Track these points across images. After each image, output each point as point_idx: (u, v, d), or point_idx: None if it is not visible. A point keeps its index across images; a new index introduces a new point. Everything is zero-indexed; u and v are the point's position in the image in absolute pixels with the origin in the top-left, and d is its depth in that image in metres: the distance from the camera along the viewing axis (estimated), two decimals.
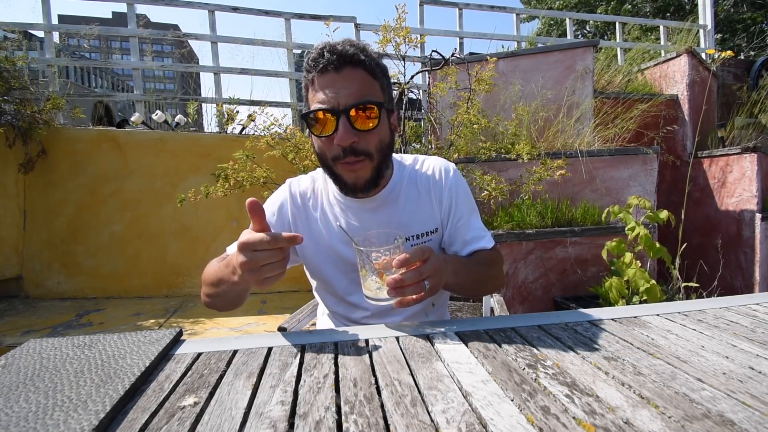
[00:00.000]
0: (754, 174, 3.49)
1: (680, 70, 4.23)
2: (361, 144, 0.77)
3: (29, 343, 0.64)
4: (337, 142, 0.75)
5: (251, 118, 3.69)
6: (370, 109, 0.75)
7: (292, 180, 0.98)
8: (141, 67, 4.28)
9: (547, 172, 2.77)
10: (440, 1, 4.94)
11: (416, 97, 4.10)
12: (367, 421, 0.43)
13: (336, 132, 0.75)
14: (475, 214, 0.95)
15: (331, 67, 0.74)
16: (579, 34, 11.50)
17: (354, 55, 0.75)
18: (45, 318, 2.96)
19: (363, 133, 0.76)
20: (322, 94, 0.75)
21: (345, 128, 0.74)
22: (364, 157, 0.78)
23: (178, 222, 3.67)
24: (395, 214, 0.90)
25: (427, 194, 0.92)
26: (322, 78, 0.75)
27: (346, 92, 0.74)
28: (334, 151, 0.78)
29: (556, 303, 2.81)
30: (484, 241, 0.93)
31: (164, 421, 0.45)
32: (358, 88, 0.75)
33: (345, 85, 0.74)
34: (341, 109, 0.74)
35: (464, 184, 0.96)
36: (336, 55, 0.74)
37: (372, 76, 0.78)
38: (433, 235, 0.92)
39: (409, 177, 0.94)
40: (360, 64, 0.76)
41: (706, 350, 0.60)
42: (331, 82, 0.74)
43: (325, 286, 0.97)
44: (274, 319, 2.93)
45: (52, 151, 3.50)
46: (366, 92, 0.76)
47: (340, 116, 0.74)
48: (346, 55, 0.74)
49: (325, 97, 0.75)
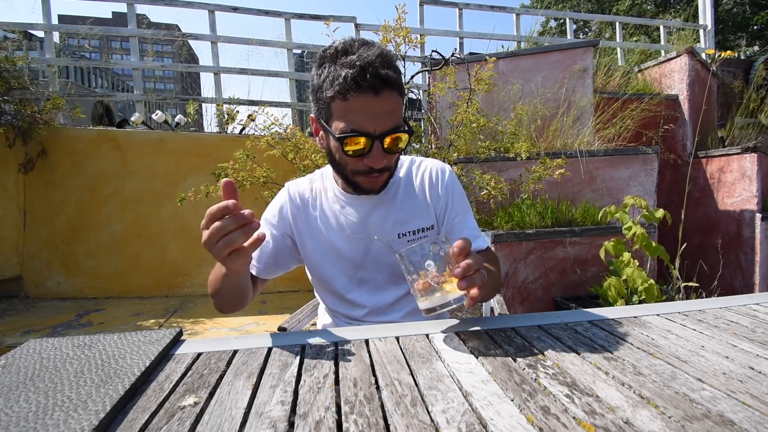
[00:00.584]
0: (754, 174, 3.49)
1: (680, 70, 4.23)
2: (387, 163, 0.81)
3: (29, 343, 0.64)
4: (370, 164, 0.78)
5: (251, 117, 3.69)
6: (405, 135, 0.79)
7: (290, 183, 1.01)
8: (141, 67, 4.28)
9: (547, 172, 2.77)
10: (440, 1, 4.94)
11: (416, 97, 4.10)
12: (367, 421, 0.43)
13: (369, 153, 0.77)
14: (470, 215, 0.98)
15: (371, 90, 0.73)
16: (581, 34, 11.51)
17: (393, 79, 0.75)
18: (45, 318, 2.96)
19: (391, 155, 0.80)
20: (358, 115, 0.75)
21: (379, 152, 0.77)
22: (386, 172, 0.84)
23: (178, 222, 3.67)
24: (393, 210, 0.93)
25: (423, 192, 0.96)
26: (360, 99, 0.74)
27: (383, 119, 0.76)
28: (360, 167, 0.80)
29: (556, 303, 2.81)
30: (480, 241, 0.95)
31: (164, 421, 0.45)
32: (393, 114, 0.77)
33: (382, 110, 0.75)
34: (377, 135, 0.76)
35: (459, 185, 0.99)
36: (378, 80, 0.73)
37: (401, 95, 0.80)
38: (429, 231, 0.95)
39: (407, 176, 0.97)
40: (395, 87, 0.76)
41: (706, 350, 0.60)
42: (369, 105, 0.74)
43: (325, 284, 0.98)
44: (274, 319, 2.93)
45: (52, 151, 3.50)
46: (398, 117, 0.79)
47: (374, 141, 0.76)
48: (387, 79, 0.74)
49: (362, 121, 0.75)
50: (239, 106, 4.15)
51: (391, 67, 0.75)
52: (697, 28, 5.74)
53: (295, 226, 0.95)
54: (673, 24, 5.71)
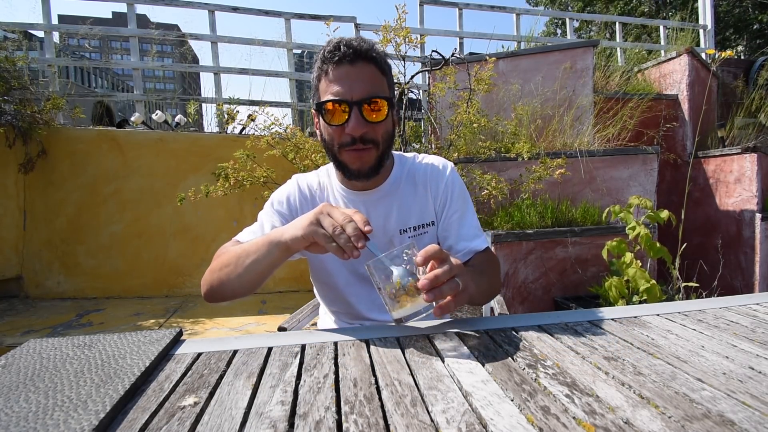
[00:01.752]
0: (754, 174, 3.49)
1: (680, 70, 4.23)
2: (369, 134, 0.82)
3: (29, 343, 0.64)
4: (348, 131, 0.80)
5: (251, 118, 3.69)
6: (380, 102, 0.80)
7: (299, 175, 1.02)
8: (141, 67, 4.28)
9: (547, 171, 2.77)
10: (440, 1, 4.94)
11: (416, 97, 4.10)
12: (367, 421, 0.43)
13: (348, 122, 0.80)
14: (470, 213, 0.98)
15: (347, 60, 0.78)
16: (582, 34, 11.50)
17: (368, 51, 0.80)
18: (45, 318, 2.96)
19: (372, 124, 0.81)
20: (336, 85, 0.79)
21: (357, 119, 0.79)
22: (371, 145, 0.83)
23: (178, 222, 3.67)
24: (395, 206, 0.94)
25: (424, 188, 0.96)
26: (337, 70, 0.79)
27: (359, 86, 0.79)
28: (344, 139, 0.82)
29: (556, 303, 2.81)
30: (479, 241, 0.95)
31: (164, 421, 0.45)
32: (370, 83, 0.80)
33: (358, 78, 0.79)
34: (354, 101, 0.79)
35: (461, 182, 0.99)
36: (352, 50, 0.78)
37: (381, 72, 0.83)
38: (429, 227, 0.95)
39: (408, 172, 0.98)
40: (372, 60, 0.81)
41: (706, 350, 0.60)
42: (346, 75, 0.79)
43: (326, 278, 0.98)
44: (274, 319, 2.93)
45: (52, 151, 3.50)
46: (377, 87, 0.81)
47: (352, 107, 0.79)
48: (361, 50, 0.78)
49: (340, 89, 0.79)
50: (239, 106, 4.15)
51: (368, 44, 0.80)
52: (697, 28, 5.74)
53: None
54: (673, 24, 5.71)
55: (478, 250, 0.93)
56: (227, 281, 0.80)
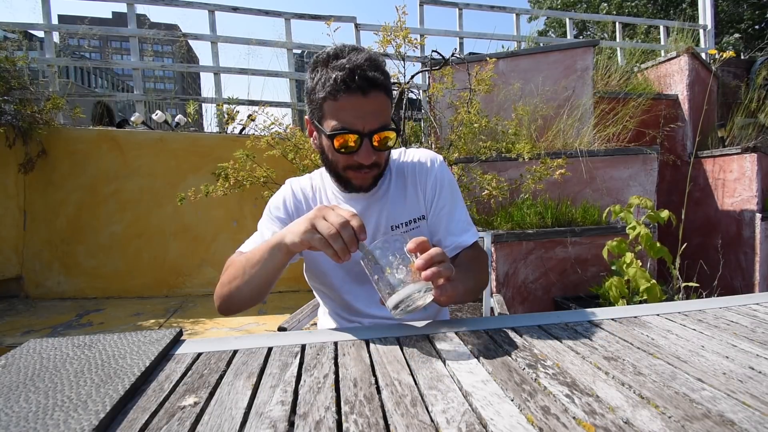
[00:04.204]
0: (754, 174, 3.49)
1: (680, 70, 4.23)
2: (376, 160, 0.84)
3: (29, 343, 0.64)
4: (360, 160, 0.82)
5: (251, 118, 3.69)
6: (393, 133, 0.83)
7: (292, 179, 1.04)
8: (141, 67, 4.28)
9: (547, 171, 2.77)
10: (440, 1, 4.94)
11: (416, 97, 4.10)
12: (367, 421, 0.43)
13: (358, 151, 0.81)
14: (459, 207, 0.98)
15: (359, 91, 0.78)
16: (580, 36, 11.50)
17: (377, 80, 0.80)
18: (45, 318, 2.96)
19: (380, 152, 0.84)
20: (347, 114, 0.80)
21: (367, 150, 0.81)
22: (376, 168, 0.86)
23: (178, 222, 3.67)
24: (386, 203, 0.95)
25: (413, 183, 0.97)
26: (349, 99, 0.79)
27: (371, 117, 0.80)
28: (350, 163, 0.84)
29: (556, 303, 2.81)
30: (467, 236, 0.95)
31: (164, 421, 0.45)
32: (381, 113, 0.81)
33: (370, 110, 0.80)
34: (366, 133, 0.80)
35: (450, 176, 0.99)
36: (364, 81, 0.78)
37: (388, 97, 0.84)
38: (420, 221, 0.96)
39: (397, 168, 0.99)
40: (382, 89, 0.81)
41: (706, 350, 0.60)
42: (358, 105, 0.79)
43: (323, 280, 0.99)
44: (274, 319, 2.93)
45: (52, 151, 3.50)
46: (386, 116, 0.83)
47: (363, 139, 0.80)
48: (373, 81, 0.79)
49: (351, 119, 0.80)
50: (239, 106, 4.15)
51: (378, 70, 0.80)
52: (697, 28, 5.74)
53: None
54: (673, 24, 5.71)
55: (466, 245, 0.94)
56: (237, 292, 0.82)
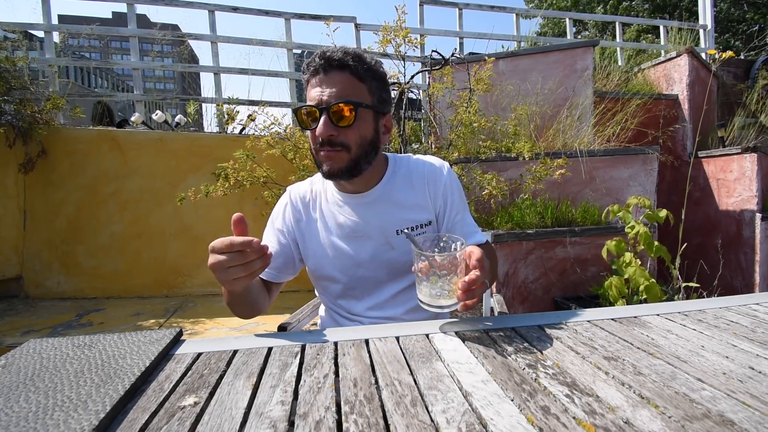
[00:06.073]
0: (754, 174, 3.49)
1: (680, 70, 4.23)
2: (339, 137, 0.85)
3: (29, 343, 0.64)
4: (317, 134, 0.85)
5: (251, 118, 3.69)
6: (349, 107, 0.84)
7: (291, 187, 1.06)
8: (141, 67, 4.28)
9: (547, 171, 2.77)
10: (440, 1, 4.94)
11: (416, 97, 4.10)
12: (367, 421, 0.43)
13: (317, 124, 0.84)
14: (467, 211, 1.03)
15: (321, 70, 0.84)
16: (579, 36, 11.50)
17: (340, 60, 0.84)
18: (45, 318, 2.96)
19: (342, 128, 0.85)
20: (311, 93, 0.86)
21: (324, 123, 0.84)
22: (341, 148, 0.86)
23: (178, 222, 3.67)
24: (390, 206, 0.96)
25: (422, 189, 0.98)
26: (313, 79, 0.86)
27: (329, 92, 0.84)
28: (316, 142, 0.87)
29: (556, 303, 2.81)
30: (480, 236, 1.01)
31: (164, 421, 0.45)
32: (341, 89, 0.84)
33: (329, 86, 0.84)
34: (323, 107, 0.83)
35: (458, 182, 1.03)
36: (324, 60, 0.84)
37: (358, 79, 0.86)
38: (427, 227, 0.97)
39: (404, 173, 1.00)
40: (346, 68, 0.84)
41: (706, 350, 0.60)
42: (319, 83, 0.85)
43: (326, 283, 1.01)
44: (274, 319, 2.93)
45: (52, 151, 3.50)
46: (347, 93, 0.84)
47: (322, 112, 0.83)
48: (332, 59, 0.84)
49: (313, 95, 0.85)
50: (239, 106, 4.15)
51: (349, 55, 0.84)
52: (697, 28, 5.74)
53: (297, 228, 1.00)
54: (673, 24, 5.71)
55: (482, 243, 0.98)
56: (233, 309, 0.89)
